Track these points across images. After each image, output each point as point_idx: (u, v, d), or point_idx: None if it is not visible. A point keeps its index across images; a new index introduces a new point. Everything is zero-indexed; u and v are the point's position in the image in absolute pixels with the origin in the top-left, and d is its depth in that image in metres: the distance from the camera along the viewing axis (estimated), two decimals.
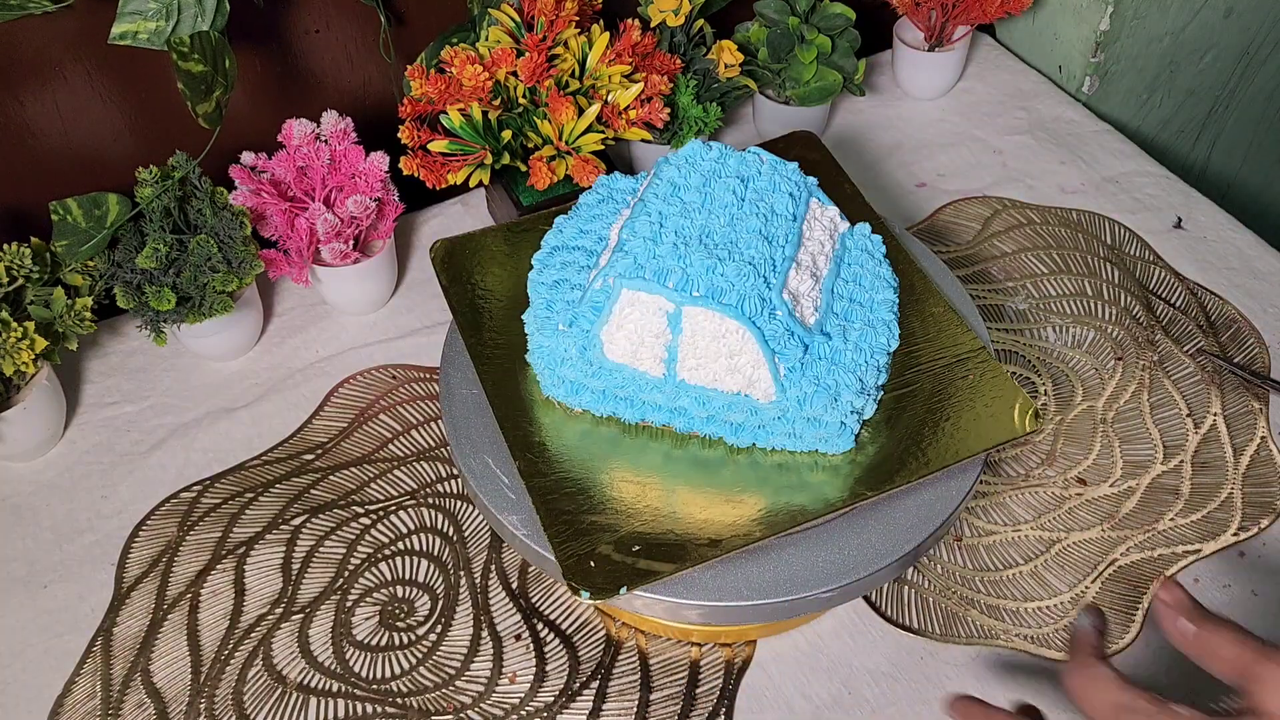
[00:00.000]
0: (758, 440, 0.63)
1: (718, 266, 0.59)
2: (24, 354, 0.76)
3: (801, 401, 0.60)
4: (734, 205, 0.63)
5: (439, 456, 0.82)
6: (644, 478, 0.62)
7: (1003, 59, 1.17)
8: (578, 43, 0.86)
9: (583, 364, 0.62)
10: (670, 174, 0.65)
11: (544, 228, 0.69)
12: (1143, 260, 0.95)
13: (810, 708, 0.69)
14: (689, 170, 0.65)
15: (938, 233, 0.98)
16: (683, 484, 0.62)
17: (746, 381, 0.60)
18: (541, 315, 0.64)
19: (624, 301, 0.60)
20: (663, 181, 0.65)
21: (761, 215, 0.63)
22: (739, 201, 0.63)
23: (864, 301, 0.65)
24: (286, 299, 0.94)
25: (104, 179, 0.88)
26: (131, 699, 0.70)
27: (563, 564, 0.57)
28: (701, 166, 0.66)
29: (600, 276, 0.61)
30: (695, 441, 0.64)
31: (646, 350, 0.61)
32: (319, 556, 0.77)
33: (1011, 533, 0.77)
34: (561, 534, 0.58)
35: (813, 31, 0.96)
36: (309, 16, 0.92)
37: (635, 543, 0.58)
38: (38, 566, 0.77)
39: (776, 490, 0.61)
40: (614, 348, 0.61)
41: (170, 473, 0.82)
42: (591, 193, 0.70)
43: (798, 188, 0.66)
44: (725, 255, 0.60)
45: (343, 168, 0.85)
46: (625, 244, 0.62)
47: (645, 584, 0.56)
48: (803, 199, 0.66)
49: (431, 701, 0.69)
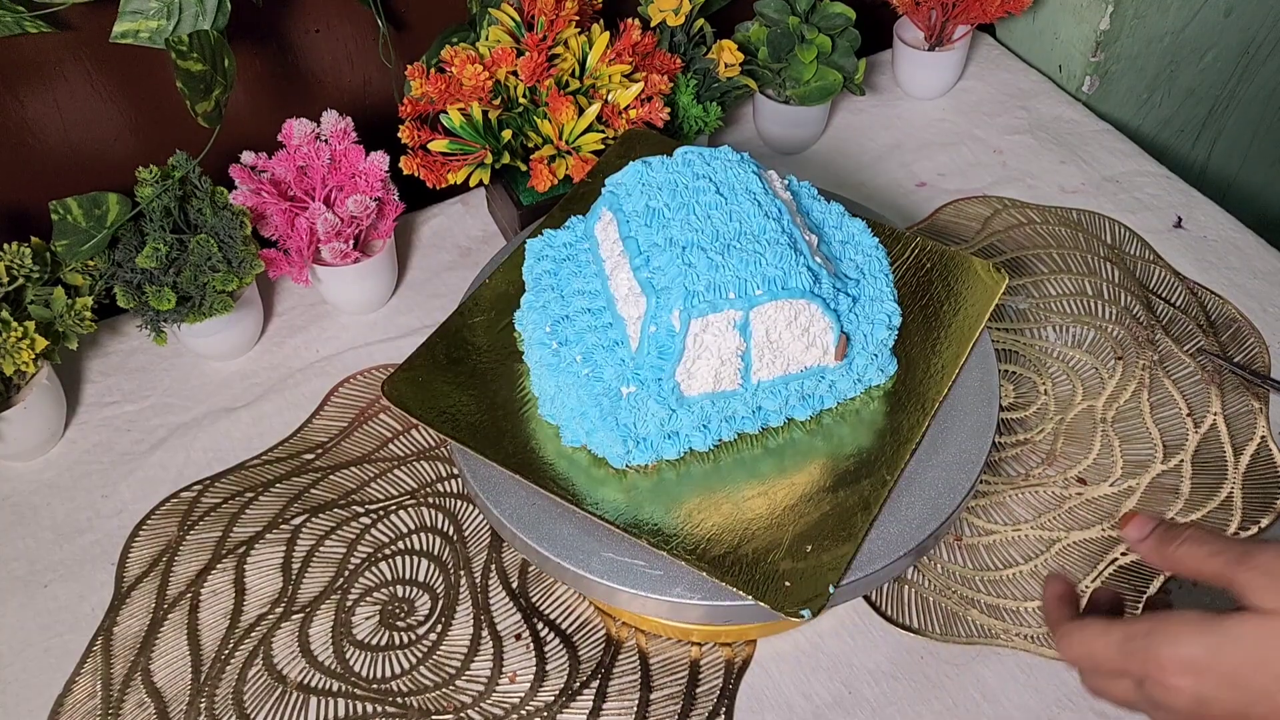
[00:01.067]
0: (825, 403, 0.65)
1: (759, 260, 0.60)
2: (24, 353, 0.76)
3: (867, 339, 0.64)
4: (722, 202, 0.63)
5: (439, 456, 0.82)
6: (744, 490, 0.62)
7: (1003, 58, 1.17)
8: (578, 42, 0.86)
9: (662, 413, 0.61)
10: (634, 202, 0.64)
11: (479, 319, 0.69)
12: (1143, 260, 0.95)
13: (810, 707, 0.69)
14: (652, 190, 0.64)
15: (938, 232, 0.97)
16: (765, 479, 0.63)
17: (821, 350, 0.62)
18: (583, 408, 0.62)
19: (694, 331, 0.59)
20: (634, 211, 0.64)
21: (752, 200, 0.63)
22: (723, 199, 0.63)
23: (846, 239, 0.69)
24: (286, 299, 0.94)
25: (104, 178, 0.88)
26: (132, 698, 0.70)
27: (768, 601, 0.56)
28: (659, 180, 0.65)
29: (650, 322, 0.60)
30: (731, 446, 0.64)
31: (727, 368, 0.61)
32: (319, 556, 0.77)
33: (1011, 532, 0.77)
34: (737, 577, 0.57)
35: (813, 31, 0.96)
36: (309, 16, 0.92)
37: (800, 544, 0.59)
38: (38, 566, 0.77)
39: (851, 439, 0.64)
40: (694, 382, 0.61)
41: (170, 472, 0.82)
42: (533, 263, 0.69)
43: (749, 169, 0.66)
44: (757, 248, 0.60)
45: (343, 167, 0.85)
46: (655, 280, 0.60)
47: (841, 573, 0.58)
48: (762, 179, 0.66)
49: (431, 701, 0.69)
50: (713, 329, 0.59)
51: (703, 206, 0.63)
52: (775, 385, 0.63)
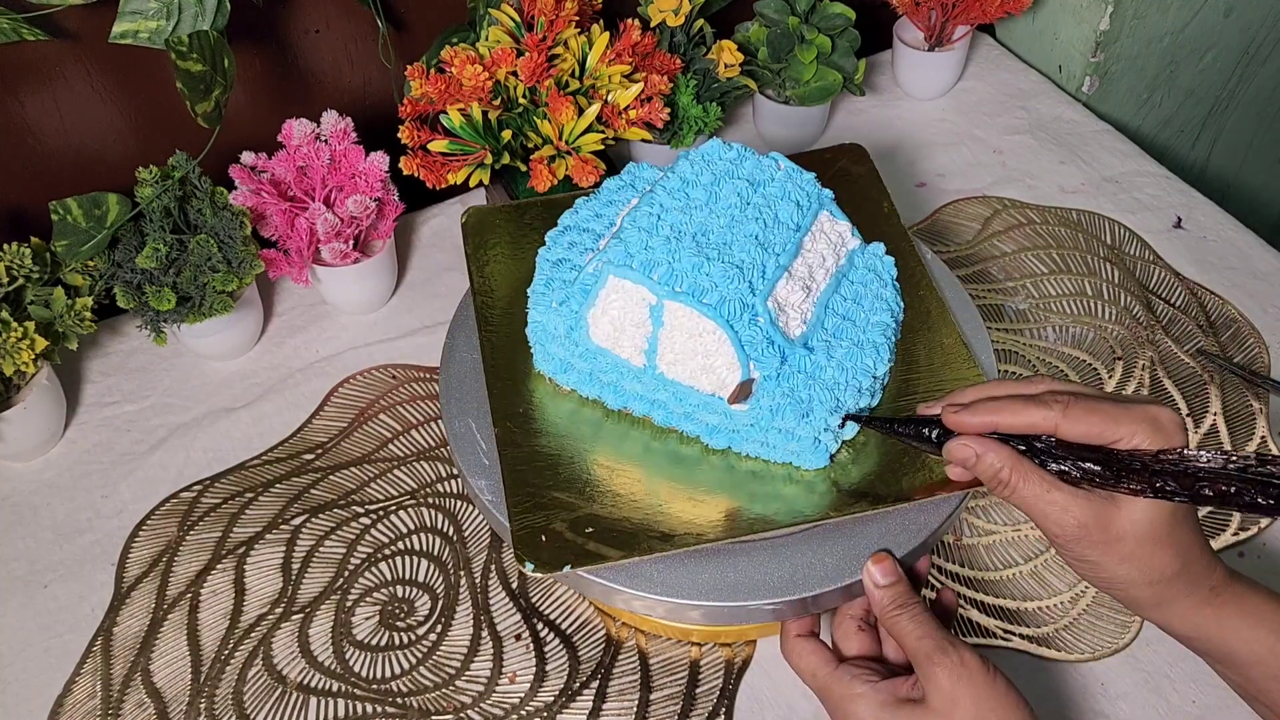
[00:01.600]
0: (732, 444, 0.63)
1: (704, 265, 0.59)
2: (24, 354, 0.76)
3: (773, 412, 0.59)
4: (737, 208, 0.63)
5: (439, 456, 0.82)
6: (617, 463, 0.62)
7: (1003, 59, 1.17)
8: (578, 42, 0.86)
9: (569, 343, 0.63)
10: (684, 170, 0.65)
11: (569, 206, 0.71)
12: (1143, 260, 0.95)
13: (811, 708, 0.69)
14: (702, 168, 0.65)
15: (938, 233, 0.98)
16: (654, 475, 0.62)
17: (720, 384, 0.60)
18: (540, 291, 0.65)
19: (610, 288, 0.60)
20: (674, 176, 0.65)
21: (762, 221, 0.62)
22: (743, 204, 0.63)
23: (858, 321, 0.64)
24: (286, 299, 0.94)
25: (104, 179, 0.88)
26: (131, 699, 0.70)
27: (515, 534, 0.57)
28: (716, 166, 0.65)
29: (594, 260, 0.62)
30: (676, 436, 0.64)
31: (627, 338, 0.61)
32: (319, 556, 0.77)
33: (1011, 533, 0.77)
34: (521, 504, 0.59)
35: (813, 31, 0.96)
36: (309, 16, 0.92)
37: (590, 524, 0.58)
38: (38, 566, 0.77)
39: (745, 496, 0.61)
40: (598, 331, 0.62)
41: (170, 472, 0.82)
42: (617, 177, 0.71)
43: (807, 198, 0.65)
44: (715, 255, 0.60)
45: (343, 167, 0.85)
46: (623, 232, 0.62)
47: (590, 565, 0.57)
48: (810, 210, 0.65)
49: (431, 701, 0.69)
50: (625, 295, 0.60)
51: (718, 201, 0.63)
52: (678, 389, 0.62)
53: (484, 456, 0.64)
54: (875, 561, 0.58)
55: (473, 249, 0.73)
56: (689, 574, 0.59)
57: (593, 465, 0.62)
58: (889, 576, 0.57)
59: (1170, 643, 0.68)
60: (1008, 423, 0.54)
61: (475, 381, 0.67)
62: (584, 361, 0.64)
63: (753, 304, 0.59)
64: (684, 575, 0.59)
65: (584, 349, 0.63)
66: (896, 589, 0.57)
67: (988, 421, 0.54)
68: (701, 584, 0.59)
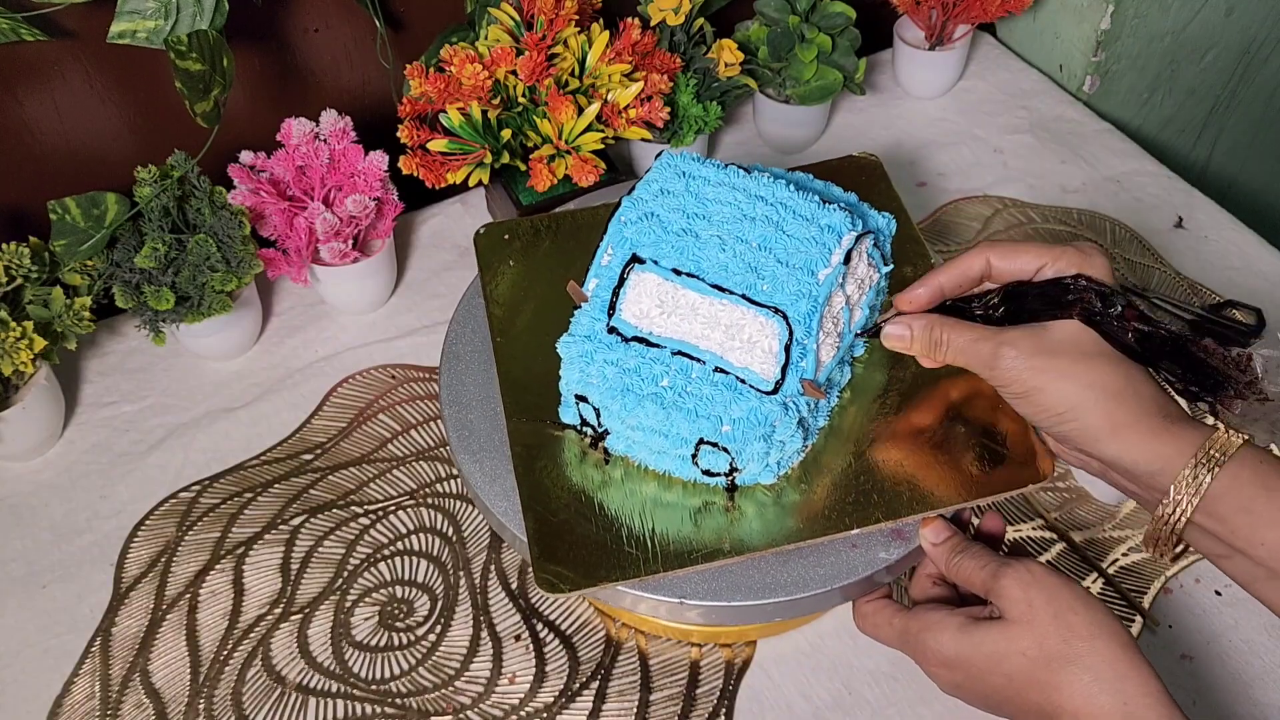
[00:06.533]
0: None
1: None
2: (23, 354, 0.75)
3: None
4: (774, 218, 0.61)
5: (439, 456, 0.82)
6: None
7: (1003, 58, 1.17)
8: (577, 41, 0.85)
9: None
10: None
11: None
12: (1143, 260, 0.95)
13: (810, 708, 0.69)
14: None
15: (938, 232, 0.97)
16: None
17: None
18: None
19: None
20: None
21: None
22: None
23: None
24: (286, 299, 0.93)
25: (103, 178, 0.88)
26: (130, 699, 0.70)
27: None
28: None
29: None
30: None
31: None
32: (318, 556, 0.76)
33: (1011, 533, 0.77)
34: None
35: (813, 30, 0.96)
36: (308, 15, 0.91)
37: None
38: (37, 566, 0.77)
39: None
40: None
41: (169, 473, 0.82)
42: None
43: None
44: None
45: (342, 167, 0.85)
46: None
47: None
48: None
49: (431, 702, 0.69)
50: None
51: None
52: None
53: (484, 456, 0.64)
54: (925, 525, 0.60)
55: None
56: (690, 574, 0.59)
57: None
58: (941, 534, 0.59)
59: (1169, 644, 0.68)
60: (947, 277, 0.58)
61: (475, 381, 0.67)
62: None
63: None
64: (685, 576, 0.59)
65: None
66: (951, 541, 0.59)
67: (932, 285, 0.58)
68: (702, 584, 0.59)
